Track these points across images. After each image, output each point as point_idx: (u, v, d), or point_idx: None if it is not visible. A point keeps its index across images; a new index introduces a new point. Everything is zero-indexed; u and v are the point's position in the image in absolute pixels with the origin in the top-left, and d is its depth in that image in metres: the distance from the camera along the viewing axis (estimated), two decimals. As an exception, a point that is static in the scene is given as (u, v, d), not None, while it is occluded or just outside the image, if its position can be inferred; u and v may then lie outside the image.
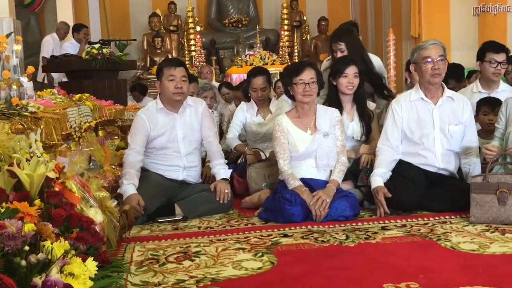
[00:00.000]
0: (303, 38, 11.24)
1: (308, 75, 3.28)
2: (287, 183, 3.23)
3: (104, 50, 6.15)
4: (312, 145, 3.31)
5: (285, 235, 2.79)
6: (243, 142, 4.41)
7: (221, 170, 3.55)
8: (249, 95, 4.39)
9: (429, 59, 3.23)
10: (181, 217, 3.26)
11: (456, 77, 5.02)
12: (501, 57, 3.91)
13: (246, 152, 4.13)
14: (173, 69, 3.42)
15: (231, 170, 3.62)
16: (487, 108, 3.78)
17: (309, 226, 2.95)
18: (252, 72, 4.45)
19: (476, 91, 4.05)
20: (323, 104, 3.66)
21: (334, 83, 3.70)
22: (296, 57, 10.44)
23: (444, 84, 3.42)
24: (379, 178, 3.24)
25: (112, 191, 3.09)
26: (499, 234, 2.67)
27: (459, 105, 3.36)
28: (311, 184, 3.24)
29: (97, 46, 6.24)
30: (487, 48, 3.97)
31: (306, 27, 11.29)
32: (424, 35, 8.88)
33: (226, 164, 3.62)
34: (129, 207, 2.86)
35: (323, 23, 10.69)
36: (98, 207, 2.11)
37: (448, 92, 3.38)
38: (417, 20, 8.86)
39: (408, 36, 8.80)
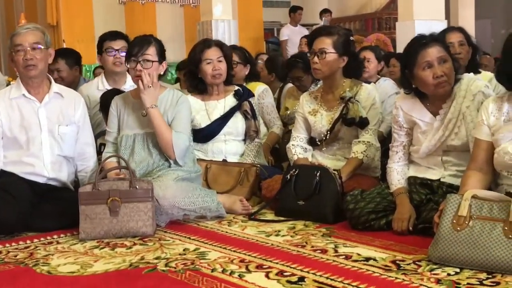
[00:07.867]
0: None
1: None
2: None
3: None
4: None
5: None
6: None
7: None
8: None
9: (20, 48, 3.21)
10: None
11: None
12: (118, 44, 4.14)
13: None
14: None
15: None
16: None
17: None
18: None
19: (102, 88, 4.19)
20: None
21: None
22: None
23: (51, 78, 3.43)
24: None
25: None
26: (109, 249, 2.77)
27: (70, 103, 3.41)
28: None
29: None
30: (104, 37, 4.22)
31: None
32: (64, 23, 8.94)
33: None
34: None
35: None
36: None
37: (56, 87, 3.38)
38: (54, 6, 8.86)
39: (45, 24, 8.66)
